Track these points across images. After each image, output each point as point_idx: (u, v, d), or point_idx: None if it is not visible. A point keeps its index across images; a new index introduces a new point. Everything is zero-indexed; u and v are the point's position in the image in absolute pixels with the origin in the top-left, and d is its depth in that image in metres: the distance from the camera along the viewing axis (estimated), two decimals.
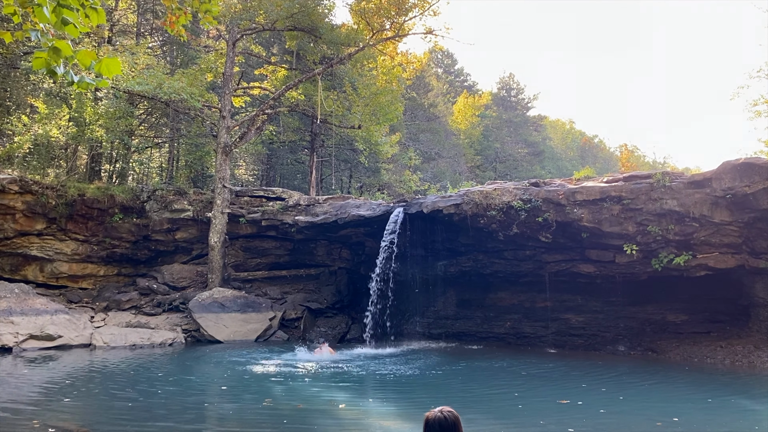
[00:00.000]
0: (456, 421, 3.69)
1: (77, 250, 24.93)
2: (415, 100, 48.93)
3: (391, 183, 38.77)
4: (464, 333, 23.12)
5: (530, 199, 19.10)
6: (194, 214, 26.07)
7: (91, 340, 19.79)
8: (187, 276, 26.02)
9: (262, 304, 24.13)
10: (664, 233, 17.47)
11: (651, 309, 20.21)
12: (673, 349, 18.85)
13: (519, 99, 71.40)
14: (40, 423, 8.48)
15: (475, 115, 60.88)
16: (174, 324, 22.68)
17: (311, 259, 26.51)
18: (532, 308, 22.19)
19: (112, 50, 27.05)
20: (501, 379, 14.41)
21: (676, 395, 12.15)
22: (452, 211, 20.31)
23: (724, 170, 16.40)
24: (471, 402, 10.87)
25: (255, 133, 28.73)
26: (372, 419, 9.55)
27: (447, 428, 3.65)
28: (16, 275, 23.83)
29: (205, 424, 9.34)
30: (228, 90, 26.80)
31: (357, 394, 11.99)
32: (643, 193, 17.55)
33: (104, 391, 11.62)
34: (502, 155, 59.68)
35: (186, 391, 12.06)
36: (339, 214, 23.46)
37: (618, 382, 13.70)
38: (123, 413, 9.55)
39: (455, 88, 70.66)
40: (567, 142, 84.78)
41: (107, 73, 4.15)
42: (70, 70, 4.12)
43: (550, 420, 9.22)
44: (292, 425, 8.92)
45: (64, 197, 23.94)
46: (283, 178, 41.51)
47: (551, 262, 20.60)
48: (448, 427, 3.65)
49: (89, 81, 4.26)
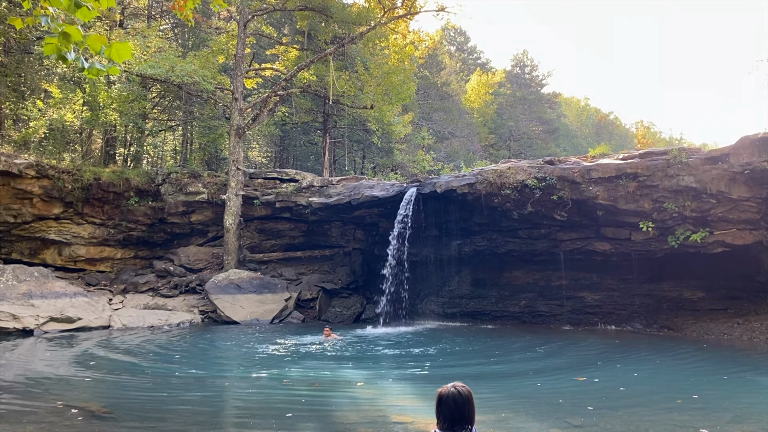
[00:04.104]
0: (469, 395, 3.70)
1: (94, 233, 25.21)
2: (428, 79, 48.54)
3: (405, 163, 38.66)
4: (479, 312, 23.15)
5: (545, 178, 18.96)
6: (209, 196, 26.21)
7: (109, 322, 20.07)
8: (203, 258, 26.25)
9: (278, 285, 24.30)
10: (680, 210, 17.29)
11: (667, 286, 20.09)
12: (689, 326, 18.75)
13: (533, 76, 70.58)
14: (63, 404, 8.64)
15: (489, 93, 60.29)
16: (191, 305, 22.93)
17: (326, 240, 26.61)
18: (547, 287, 22.14)
19: (124, 33, 27.04)
20: (517, 358, 14.43)
21: (693, 372, 12.10)
22: (466, 191, 20.23)
23: (742, 145, 16.15)
24: (487, 380, 10.91)
25: (267, 115, 28.71)
26: (388, 397, 9.63)
27: (460, 403, 3.66)
28: (35, 259, 24.18)
29: (224, 403, 9.47)
30: (240, 72, 26.74)
31: (373, 372, 12.08)
32: (660, 169, 17.35)
33: (124, 372, 11.80)
34: (516, 133, 59.16)
35: (204, 372, 12.22)
36: (352, 195, 23.47)
37: (635, 360, 13.67)
38: (143, 393, 9.70)
39: (468, 66, 70.00)
40: (582, 120, 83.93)
41: (117, 58, 4.14)
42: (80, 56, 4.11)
43: (568, 398, 9.24)
44: (310, 404, 9.01)
45: (80, 181, 24.16)
46: (297, 159, 41.53)
47: (566, 240, 20.50)
48: (461, 401, 3.66)
49: (99, 67, 4.25)
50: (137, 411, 8.48)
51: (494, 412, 8.15)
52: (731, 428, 7.43)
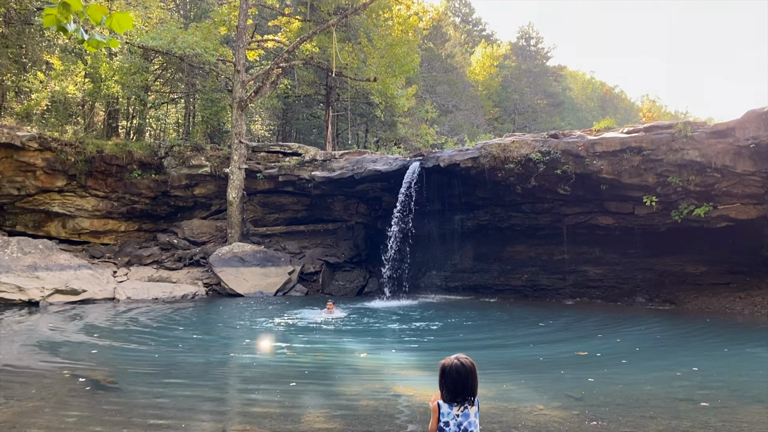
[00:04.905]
0: (472, 367, 3.73)
1: (98, 206, 25.28)
2: (432, 51, 48.00)
3: (408, 137, 38.44)
4: (481, 286, 23.26)
5: (549, 151, 18.88)
6: (212, 169, 26.19)
7: (114, 294, 20.23)
8: (206, 231, 26.34)
9: (281, 259, 24.41)
10: (684, 184, 17.23)
11: (670, 261, 20.12)
12: (691, 300, 18.82)
13: (538, 49, 69.70)
14: (70, 374, 8.75)
15: (494, 65, 59.65)
16: (195, 278, 23.07)
17: (329, 214, 26.63)
18: (549, 261, 22.20)
19: (125, 4, 26.75)
20: (518, 331, 14.52)
21: (694, 346, 12.18)
22: (469, 165, 20.17)
23: (748, 119, 16.02)
24: (489, 353, 11.00)
25: (270, 87, 28.51)
26: (391, 368, 9.72)
27: (463, 374, 3.69)
28: (39, 231, 24.31)
29: (228, 374, 9.58)
30: (242, 43, 26.50)
31: (376, 344, 12.17)
32: (664, 143, 17.25)
33: (129, 342, 11.92)
34: (520, 107, 58.69)
35: (208, 343, 12.34)
36: (355, 169, 23.42)
37: (636, 334, 13.74)
38: (148, 364, 9.82)
39: (473, 38, 69.20)
40: (587, 93, 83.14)
41: (118, 29, 4.08)
42: (80, 27, 4.06)
43: (569, 370, 9.31)
44: (313, 374, 9.11)
45: (83, 154, 24.15)
46: (299, 133, 41.35)
47: (569, 214, 20.49)
48: (464, 373, 3.69)
49: (100, 39, 4.20)
50: (142, 381, 8.59)
51: (496, 384, 8.23)
52: (731, 400, 7.49)
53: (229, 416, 6.95)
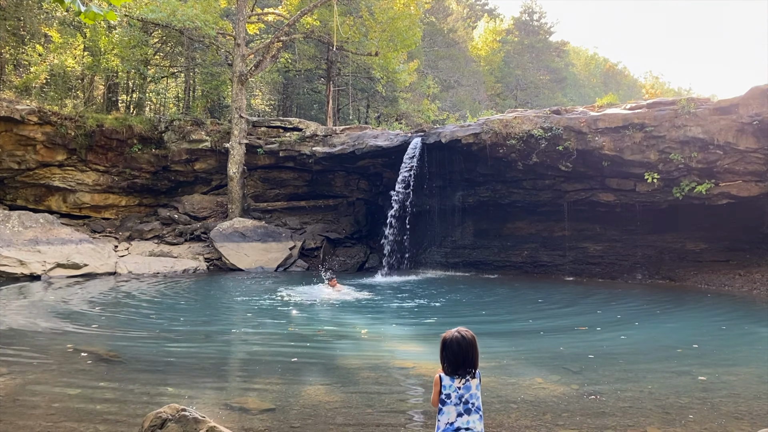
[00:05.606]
0: (473, 340, 3.74)
1: (98, 180, 25.25)
2: (434, 26, 47.48)
3: (409, 113, 38.18)
4: (481, 262, 23.32)
5: (551, 127, 18.79)
6: (212, 144, 26.10)
7: (115, 269, 20.30)
8: (207, 206, 26.33)
9: (282, 234, 24.45)
10: (686, 161, 17.18)
11: (670, 238, 20.15)
12: (691, 277, 18.89)
13: (541, 23, 68.81)
14: (73, 348, 8.81)
15: (497, 40, 59.04)
16: (196, 253, 23.14)
17: (329, 189, 26.60)
18: (549, 237, 22.24)
19: None
20: (518, 307, 14.59)
21: (693, 322, 12.25)
22: (471, 141, 20.08)
23: (752, 96, 15.90)
24: (489, 328, 11.06)
25: (270, 62, 28.27)
26: (392, 342, 9.79)
27: (464, 347, 3.70)
28: (40, 206, 24.30)
29: (229, 348, 9.65)
30: (242, 16, 26.21)
31: (376, 320, 12.24)
32: (667, 120, 17.15)
33: (131, 317, 11.99)
34: (523, 82, 58.16)
35: (210, 317, 12.42)
36: (356, 144, 23.33)
37: (636, 310, 13.82)
38: (149, 338, 9.88)
39: (476, 12, 68.33)
40: (590, 69, 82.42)
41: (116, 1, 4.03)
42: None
43: (568, 346, 9.37)
44: (314, 350, 9.17)
45: (82, 128, 24.05)
46: (300, 108, 41.07)
47: (570, 191, 20.46)
48: (465, 345, 3.71)
49: (96, 11, 4.14)
50: (144, 355, 8.65)
51: (495, 358, 8.29)
52: (729, 376, 7.55)
53: (230, 389, 7.01)
